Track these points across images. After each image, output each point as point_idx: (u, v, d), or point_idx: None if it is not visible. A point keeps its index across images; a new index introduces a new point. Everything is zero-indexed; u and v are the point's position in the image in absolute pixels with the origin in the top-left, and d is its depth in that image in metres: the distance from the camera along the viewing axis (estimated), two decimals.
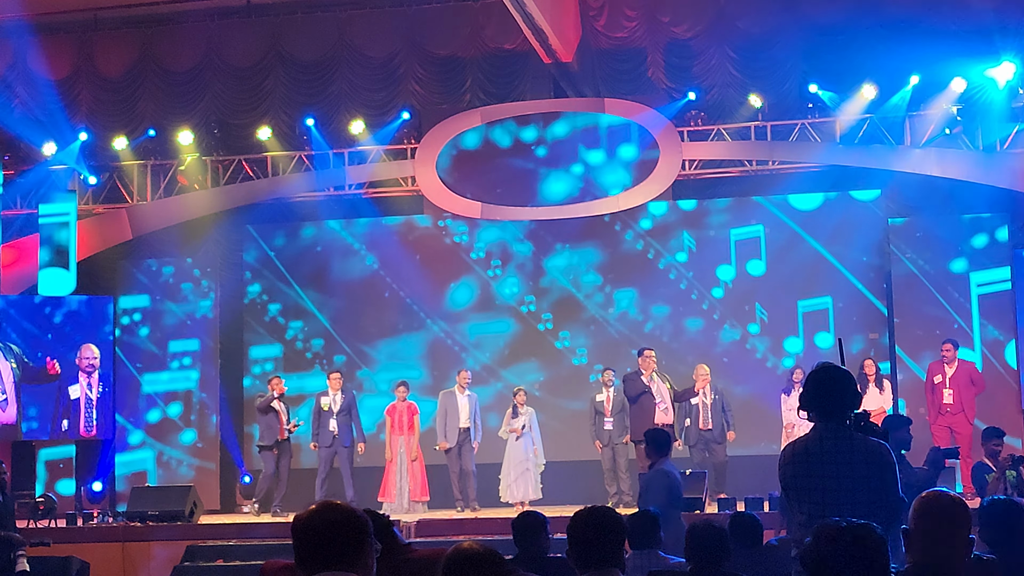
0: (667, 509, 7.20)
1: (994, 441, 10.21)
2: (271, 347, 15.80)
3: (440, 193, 15.32)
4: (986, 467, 9.95)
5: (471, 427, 13.50)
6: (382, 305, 15.65)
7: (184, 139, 15.52)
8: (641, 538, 5.86)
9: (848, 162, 14.61)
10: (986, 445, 10.26)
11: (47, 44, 16.00)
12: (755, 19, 15.22)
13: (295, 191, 15.71)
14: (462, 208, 15.33)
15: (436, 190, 15.33)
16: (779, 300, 14.84)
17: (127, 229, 15.66)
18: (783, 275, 14.84)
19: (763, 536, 6.47)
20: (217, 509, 14.61)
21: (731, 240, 15.06)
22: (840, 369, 4.61)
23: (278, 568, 4.34)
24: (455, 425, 13.47)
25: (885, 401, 12.93)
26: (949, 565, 3.41)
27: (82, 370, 14.61)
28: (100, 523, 12.62)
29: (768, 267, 14.94)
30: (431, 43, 15.93)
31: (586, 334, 15.27)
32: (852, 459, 4.44)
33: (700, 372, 13.10)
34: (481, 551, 3.33)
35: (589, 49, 15.56)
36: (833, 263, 14.78)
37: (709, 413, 12.98)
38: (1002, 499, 4.34)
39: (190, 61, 16.23)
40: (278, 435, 13.38)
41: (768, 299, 14.89)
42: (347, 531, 2.79)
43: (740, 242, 15.05)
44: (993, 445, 10.16)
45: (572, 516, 4.00)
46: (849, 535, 2.83)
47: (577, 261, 15.36)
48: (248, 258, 16.07)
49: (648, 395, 12.80)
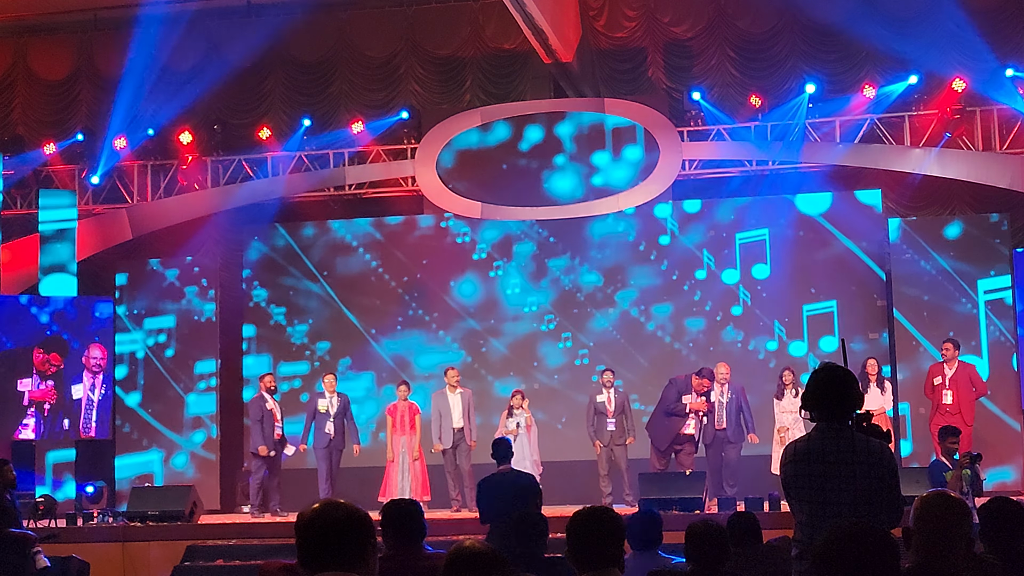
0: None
1: (950, 439, 10.30)
2: (272, 347, 15.79)
3: (440, 193, 15.32)
4: (943, 465, 10.04)
5: (465, 426, 13.45)
6: (382, 305, 15.64)
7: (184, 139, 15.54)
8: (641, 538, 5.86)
9: (848, 162, 14.61)
10: (942, 443, 10.37)
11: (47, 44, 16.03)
12: (755, 19, 15.25)
13: (295, 191, 15.71)
14: (462, 208, 15.33)
15: (436, 190, 15.33)
16: (782, 301, 14.82)
17: (127, 229, 15.66)
18: (784, 275, 14.82)
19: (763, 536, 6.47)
20: (217, 509, 14.61)
21: (736, 243, 15.05)
22: (843, 369, 4.62)
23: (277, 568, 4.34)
24: (449, 426, 13.45)
25: (886, 401, 12.93)
26: (949, 565, 3.41)
27: (88, 369, 14.60)
28: (100, 523, 12.61)
29: (772, 269, 14.91)
30: (431, 43, 15.95)
31: (586, 334, 15.26)
32: (853, 459, 4.44)
33: (720, 371, 13.08)
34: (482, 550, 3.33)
35: (589, 49, 15.57)
36: (833, 264, 14.77)
37: (724, 412, 12.92)
38: (1002, 499, 4.34)
39: (190, 61, 16.26)
40: (275, 436, 13.35)
41: (770, 300, 14.88)
42: (348, 530, 2.79)
43: (744, 245, 15.04)
44: (949, 443, 10.26)
45: (571, 516, 3.99)
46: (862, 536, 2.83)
47: (578, 261, 15.36)
48: (248, 258, 16.07)
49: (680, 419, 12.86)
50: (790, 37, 15.10)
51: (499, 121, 15.38)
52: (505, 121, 15.37)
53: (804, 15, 15.07)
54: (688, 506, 11.33)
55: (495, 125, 15.39)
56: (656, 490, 11.65)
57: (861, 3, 14.86)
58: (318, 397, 13.58)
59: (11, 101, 16.57)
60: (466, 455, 13.42)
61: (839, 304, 14.68)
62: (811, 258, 14.82)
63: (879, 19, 14.83)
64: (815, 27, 15.05)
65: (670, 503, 11.31)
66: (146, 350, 15.39)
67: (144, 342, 15.41)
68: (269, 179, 15.69)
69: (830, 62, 14.92)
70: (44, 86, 16.67)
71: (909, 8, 14.78)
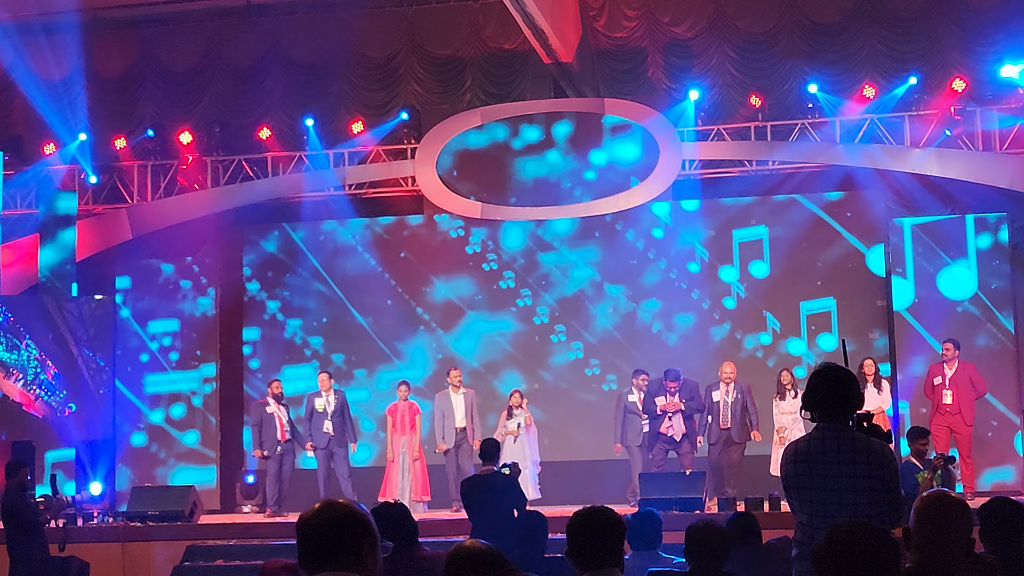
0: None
1: (920, 441, 10.33)
2: (271, 347, 15.79)
3: (440, 193, 15.32)
4: (914, 467, 10.03)
5: (468, 426, 13.46)
6: (382, 304, 15.64)
7: (184, 139, 15.54)
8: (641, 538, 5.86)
9: (848, 162, 14.61)
10: (912, 445, 10.37)
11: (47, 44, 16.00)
12: (755, 19, 15.25)
13: (295, 191, 15.71)
14: (462, 208, 15.33)
15: (436, 190, 15.33)
16: (781, 300, 14.83)
17: (127, 229, 15.66)
18: (784, 275, 14.82)
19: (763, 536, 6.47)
20: (217, 509, 14.60)
21: (734, 241, 15.05)
22: (843, 370, 4.62)
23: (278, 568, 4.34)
24: (451, 426, 13.45)
25: (883, 401, 12.89)
26: (949, 565, 3.41)
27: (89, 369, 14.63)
28: (100, 523, 12.61)
29: (771, 267, 14.91)
30: (431, 43, 15.95)
31: (586, 333, 15.26)
32: (854, 459, 4.44)
33: (724, 370, 13.08)
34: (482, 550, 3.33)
35: (589, 49, 15.57)
36: (833, 263, 14.77)
37: (728, 412, 12.92)
38: (1003, 499, 4.34)
39: (190, 61, 16.27)
40: (279, 437, 13.37)
41: (770, 299, 14.88)
42: (345, 530, 2.79)
43: (743, 243, 15.04)
44: (919, 445, 10.29)
45: (572, 516, 3.99)
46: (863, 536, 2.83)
47: (577, 260, 15.35)
48: (248, 258, 16.07)
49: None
50: (790, 37, 15.09)
51: (498, 121, 15.37)
52: (504, 121, 15.37)
53: (804, 15, 15.08)
54: (688, 506, 11.33)
55: (494, 125, 15.39)
56: (656, 490, 11.65)
57: (861, 3, 14.87)
58: (314, 396, 13.58)
59: (11, 101, 16.56)
60: (468, 455, 13.42)
61: (838, 304, 14.67)
62: (810, 257, 14.82)
63: (879, 19, 14.84)
64: (815, 27, 15.06)
65: (670, 503, 11.31)
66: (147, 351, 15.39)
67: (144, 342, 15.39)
68: (269, 179, 15.69)
69: (830, 62, 14.92)
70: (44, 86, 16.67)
71: (909, 8, 14.78)
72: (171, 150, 15.81)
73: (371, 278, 15.69)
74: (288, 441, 13.49)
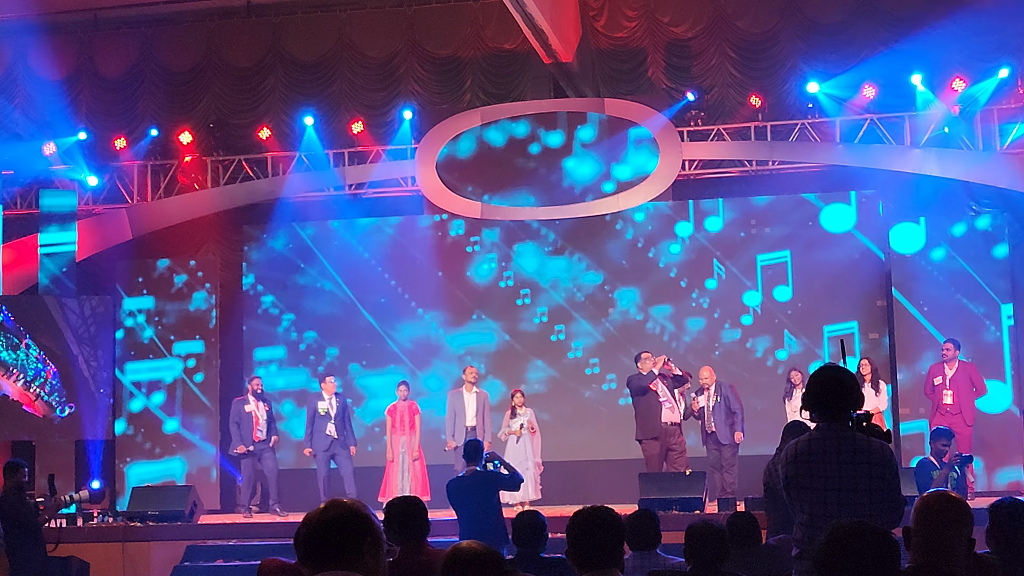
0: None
1: (942, 441, 10.56)
2: (272, 347, 15.79)
3: (440, 193, 15.31)
4: (931, 464, 10.23)
5: (478, 426, 13.44)
6: (382, 304, 15.63)
7: (184, 139, 15.54)
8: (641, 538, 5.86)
9: (848, 162, 14.60)
10: (934, 444, 10.59)
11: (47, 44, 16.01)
12: (755, 19, 15.25)
13: (295, 191, 15.70)
14: (462, 208, 15.32)
15: (436, 190, 15.32)
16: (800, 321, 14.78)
17: (127, 229, 15.65)
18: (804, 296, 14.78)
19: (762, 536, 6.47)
20: (217, 509, 14.60)
21: (734, 240, 15.04)
22: (843, 370, 4.62)
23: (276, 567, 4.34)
24: (462, 424, 13.44)
25: (880, 402, 12.85)
26: (950, 565, 3.41)
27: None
28: (100, 523, 12.61)
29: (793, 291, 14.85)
30: (431, 43, 15.95)
31: (586, 333, 15.25)
32: (854, 459, 4.44)
33: (703, 375, 13.04)
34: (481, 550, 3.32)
35: (589, 49, 15.57)
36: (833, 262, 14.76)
37: (712, 417, 12.87)
38: (1008, 500, 4.33)
39: (190, 61, 16.27)
40: (252, 437, 13.36)
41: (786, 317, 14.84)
42: (345, 530, 2.79)
43: (743, 243, 15.04)
44: (941, 445, 10.49)
45: (572, 516, 3.99)
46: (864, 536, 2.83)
47: (577, 260, 15.35)
48: (248, 258, 16.06)
49: (653, 394, 12.70)
50: (790, 37, 15.10)
51: (498, 121, 15.36)
52: (504, 121, 15.36)
53: (804, 15, 15.08)
54: (688, 506, 11.33)
55: (494, 125, 15.38)
56: (656, 490, 11.65)
57: (861, 3, 14.87)
58: (317, 399, 13.57)
59: (11, 101, 16.56)
60: None
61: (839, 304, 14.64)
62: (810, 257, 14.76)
63: (879, 19, 14.84)
64: (815, 27, 15.05)
65: (670, 503, 11.31)
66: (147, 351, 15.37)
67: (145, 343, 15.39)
68: (269, 179, 15.69)
69: (830, 62, 14.91)
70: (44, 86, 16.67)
71: (909, 8, 14.78)
72: (171, 150, 15.81)
73: (371, 278, 15.67)
74: (263, 441, 13.45)
